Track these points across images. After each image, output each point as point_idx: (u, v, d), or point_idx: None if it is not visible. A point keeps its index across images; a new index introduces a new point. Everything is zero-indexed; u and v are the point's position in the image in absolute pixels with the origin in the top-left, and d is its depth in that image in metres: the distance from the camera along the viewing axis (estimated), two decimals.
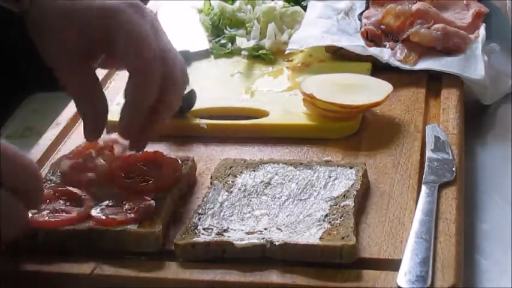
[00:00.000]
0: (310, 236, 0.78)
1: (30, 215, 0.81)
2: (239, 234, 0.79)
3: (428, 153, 0.91)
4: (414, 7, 1.15)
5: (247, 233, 0.80)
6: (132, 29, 0.84)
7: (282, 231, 0.79)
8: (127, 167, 0.89)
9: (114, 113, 0.98)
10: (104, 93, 0.87)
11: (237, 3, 1.26)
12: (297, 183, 0.87)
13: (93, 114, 0.86)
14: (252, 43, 1.18)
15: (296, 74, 1.12)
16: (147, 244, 0.80)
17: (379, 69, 1.10)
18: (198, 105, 1.03)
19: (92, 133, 0.87)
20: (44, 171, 0.93)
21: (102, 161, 0.90)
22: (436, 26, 1.13)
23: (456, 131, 0.96)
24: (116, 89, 1.09)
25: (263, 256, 0.78)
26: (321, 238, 0.78)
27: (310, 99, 0.99)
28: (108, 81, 1.14)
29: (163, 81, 0.84)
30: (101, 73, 1.06)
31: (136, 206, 0.83)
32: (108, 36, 0.84)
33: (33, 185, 0.75)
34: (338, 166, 0.89)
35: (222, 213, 0.83)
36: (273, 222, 0.81)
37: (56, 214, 0.83)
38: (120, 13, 0.84)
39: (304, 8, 1.24)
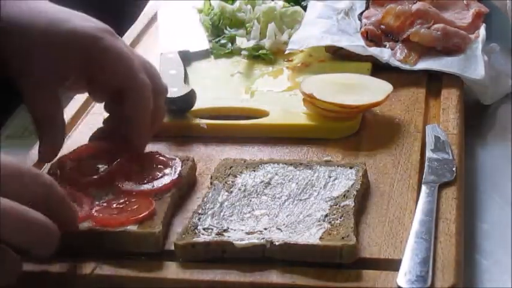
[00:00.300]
0: (310, 236, 0.78)
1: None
2: (239, 234, 0.79)
3: (428, 153, 0.91)
4: (414, 7, 1.15)
5: (247, 233, 0.79)
6: (118, 52, 0.88)
7: (282, 231, 0.79)
8: (127, 167, 0.89)
9: None
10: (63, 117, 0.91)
11: (237, 3, 1.26)
12: (297, 183, 0.87)
13: (52, 135, 0.89)
14: (252, 43, 1.18)
15: (296, 74, 1.12)
16: (146, 245, 0.80)
17: (379, 69, 1.10)
18: (198, 105, 1.03)
19: (47, 155, 0.89)
20: (44, 171, 0.93)
21: (103, 165, 0.91)
22: (436, 26, 1.13)
23: (456, 131, 0.96)
24: None
25: (263, 256, 0.78)
26: (321, 238, 0.78)
27: (310, 99, 0.99)
28: None
29: (152, 91, 0.90)
30: None
31: (136, 207, 0.83)
32: (88, 60, 0.88)
33: (39, 190, 0.75)
34: (338, 166, 0.89)
35: (222, 213, 0.83)
36: (273, 222, 0.81)
37: None
38: (100, 39, 0.88)
39: (304, 8, 1.24)
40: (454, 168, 0.88)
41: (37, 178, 0.75)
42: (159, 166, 0.90)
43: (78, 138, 0.99)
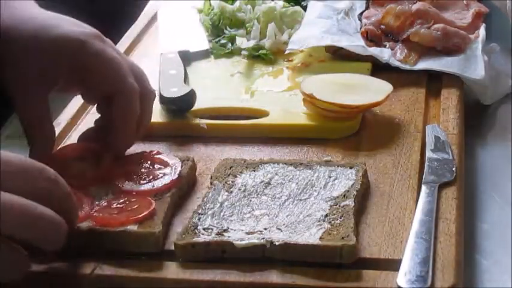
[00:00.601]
0: (310, 236, 0.78)
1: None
2: (239, 234, 0.79)
3: (428, 153, 0.91)
4: (414, 7, 1.15)
5: (247, 233, 0.79)
6: (106, 57, 0.89)
7: (282, 231, 0.79)
8: (126, 167, 0.90)
9: None
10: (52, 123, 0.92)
11: (237, 3, 1.26)
12: (297, 183, 0.87)
13: (41, 141, 0.89)
14: (252, 43, 1.18)
15: (296, 74, 1.12)
16: (146, 245, 0.80)
17: (379, 69, 1.10)
18: (198, 105, 1.03)
19: (38, 160, 0.89)
20: None
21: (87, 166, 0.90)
22: (436, 26, 1.13)
23: (456, 131, 0.96)
24: None
25: (263, 256, 0.78)
26: (321, 238, 0.78)
27: (310, 99, 0.99)
28: None
29: (140, 96, 0.91)
30: None
31: (136, 206, 0.83)
32: (77, 65, 0.88)
33: (43, 185, 0.74)
34: (338, 166, 0.89)
35: (222, 213, 0.83)
36: (273, 222, 0.81)
37: None
38: (89, 44, 0.88)
39: (304, 8, 1.24)
40: (454, 168, 0.88)
41: (41, 173, 0.75)
42: (159, 166, 0.90)
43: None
